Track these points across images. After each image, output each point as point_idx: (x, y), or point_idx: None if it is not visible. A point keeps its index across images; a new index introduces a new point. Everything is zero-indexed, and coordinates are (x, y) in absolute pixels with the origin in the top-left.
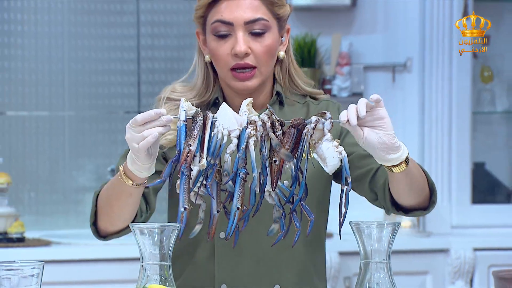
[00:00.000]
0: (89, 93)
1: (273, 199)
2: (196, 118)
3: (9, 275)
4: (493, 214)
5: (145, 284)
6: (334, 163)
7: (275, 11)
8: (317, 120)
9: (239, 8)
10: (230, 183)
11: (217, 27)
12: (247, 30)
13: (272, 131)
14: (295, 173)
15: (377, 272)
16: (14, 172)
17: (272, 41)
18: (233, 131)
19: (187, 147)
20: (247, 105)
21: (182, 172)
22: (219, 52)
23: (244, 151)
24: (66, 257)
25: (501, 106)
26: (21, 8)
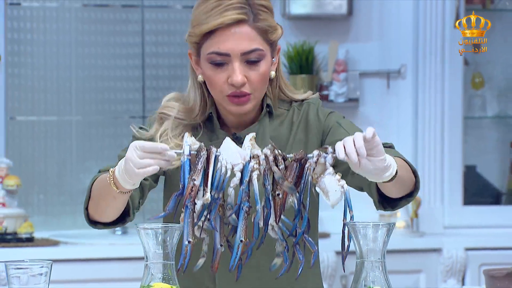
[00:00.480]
0: (96, 98)
1: (276, 233)
2: (200, 153)
3: (18, 274)
4: (484, 215)
5: (149, 282)
6: (337, 196)
7: (269, 38)
8: (319, 154)
9: (235, 39)
10: (234, 216)
11: (213, 57)
12: (243, 60)
13: (275, 164)
14: (298, 207)
15: (373, 270)
16: (24, 175)
17: (267, 67)
18: (236, 165)
19: (192, 182)
20: (250, 139)
21: (187, 206)
22: (215, 80)
23: (247, 185)
24: (73, 257)
25: (492, 111)
26: (30, 17)
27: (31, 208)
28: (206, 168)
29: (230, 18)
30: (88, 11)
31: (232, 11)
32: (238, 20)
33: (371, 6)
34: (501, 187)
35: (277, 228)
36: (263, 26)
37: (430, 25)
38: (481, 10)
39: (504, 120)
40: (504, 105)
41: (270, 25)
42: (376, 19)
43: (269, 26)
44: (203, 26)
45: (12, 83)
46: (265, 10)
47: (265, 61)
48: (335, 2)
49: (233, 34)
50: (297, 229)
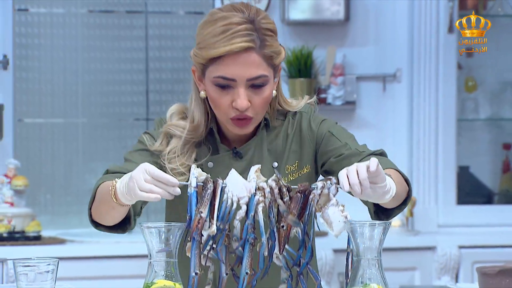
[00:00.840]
0: (101, 101)
1: (281, 261)
2: (207, 185)
3: (26, 271)
4: (477, 214)
5: (153, 279)
6: (340, 227)
7: (273, 63)
8: (323, 186)
9: (242, 66)
10: (240, 248)
11: (219, 81)
12: (247, 85)
13: (280, 197)
14: (302, 237)
15: (369, 268)
16: (31, 175)
17: (270, 91)
18: (242, 198)
19: (199, 214)
20: (255, 171)
21: (194, 238)
22: (219, 102)
23: (253, 218)
24: (79, 254)
25: (484, 114)
26: (37, 23)
27: (39, 208)
28: (212, 199)
29: (238, 46)
30: (93, 17)
31: (240, 38)
32: (246, 48)
33: (368, 12)
34: (493, 187)
35: (282, 257)
36: (268, 52)
37: (424, 30)
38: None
39: (496, 122)
40: (496, 108)
41: (275, 51)
42: (372, 25)
43: (274, 52)
44: (211, 51)
45: (20, 87)
46: (271, 34)
47: (268, 85)
48: (333, 8)
49: (240, 61)
50: (301, 259)
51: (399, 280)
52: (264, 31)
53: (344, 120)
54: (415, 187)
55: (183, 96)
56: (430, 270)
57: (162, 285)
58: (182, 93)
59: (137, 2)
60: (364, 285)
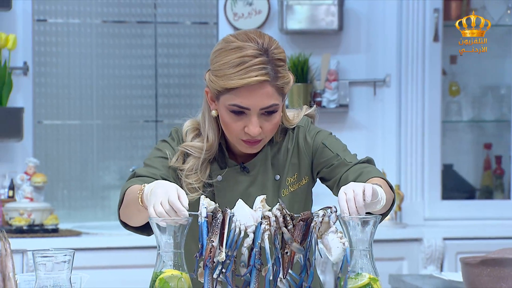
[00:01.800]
0: (114, 104)
1: (284, 285)
2: (217, 215)
3: (44, 261)
4: (460, 208)
5: (161, 269)
6: (339, 252)
7: (284, 91)
8: (324, 214)
9: (256, 97)
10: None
11: (234, 108)
12: (260, 113)
13: (284, 225)
14: (304, 262)
15: (361, 258)
16: (50, 173)
17: (279, 116)
18: (249, 226)
19: (210, 243)
20: (261, 201)
21: (206, 266)
22: (232, 126)
23: (259, 246)
24: (94, 246)
25: (467, 116)
26: (55, 32)
27: (56, 202)
28: (221, 228)
29: (254, 80)
30: (107, 27)
31: (256, 72)
32: (261, 81)
33: (359, 22)
34: (475, 183)
35: (285, 281)
36: (281, 84)
37: (412, 39)
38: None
39: (478, 124)
40: (478, 111)
41: (286, 81)
42: (363, 34)
43: (285, 83)
44: (228, 82)
45: (39, 91)
46: (282, 64)
47: (278, 112)
48: (327, 19)
49: (255, 93)
50: (304, 283)
51: (388, 269)
52: (277, 62)
53: (338, 122)
54: (403, 184)
55: (190, 100)
56: (417, 260)
57: (170, 274)
58: (188, 96)
59: (147, 13)
60: (357, 274)
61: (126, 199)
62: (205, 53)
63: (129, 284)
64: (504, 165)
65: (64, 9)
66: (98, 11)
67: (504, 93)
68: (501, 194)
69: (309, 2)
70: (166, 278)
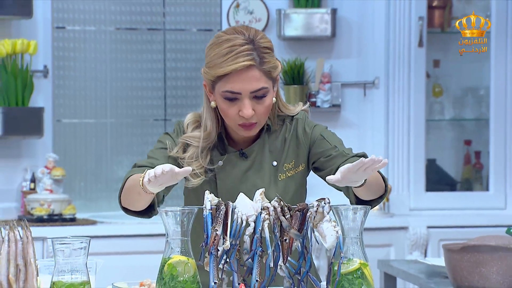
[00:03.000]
0: (126, 104)
1: (284, 271)
2: (220, 207)
3: (62, 248)
4: (443, 199)
5: (170, 255)
6: (332, 239)
7: (272, 75)
8: (318, 205)
9: (245, 81)
10: (250, 260)
11: (227, 95)
12: (251, 96)
13: (282, 215)
14: (301, 250)
15: (352, 245)
16: (68, 167)
17: (270, 100)
18: (250, 216)
19: (214, 232)
20: (260, 194)
21: (211, 253)
22: (228, 112)
23: (260, 233)
24: (108, 234)
25: (449, 115)
26: (73, 38)
27: (74, 194)
28: (225, 219)
29: (241, 64)
30: (120, 34)
31: (243, 58)
32: (248, 66)
33: (351, 30)
34: (456, 176)
35: (285, 267)
36: (267, 68)
37: (398, 44)
38: (440, 32)
39: (459, 122)
40: (458, 110)
41: (273, 66)
42: (354, 40)
43: (271, 67)
44: (219, 70)
45: (58, 92)
46: (268, 51)
47: (269, 95)
48: (321, 26)
49: (243, 77)
50: (302, 268)
51: (377, 255)
52: (262, 50)
53: (331, 120)
54: (390, 177)
55: (196, 100)
56: (403, 247)
57: (178, 259)
58: (195, 97)
59: (157, 21)
60: (348, 260)
61: (127, 186)
62: None
63: (140, 269)
64: (482, 160)
65: (81, 17)
66: (112, 19)
67: (483, 94)
68: (480, 186)
69: (304, 11)
70: (174, 263)
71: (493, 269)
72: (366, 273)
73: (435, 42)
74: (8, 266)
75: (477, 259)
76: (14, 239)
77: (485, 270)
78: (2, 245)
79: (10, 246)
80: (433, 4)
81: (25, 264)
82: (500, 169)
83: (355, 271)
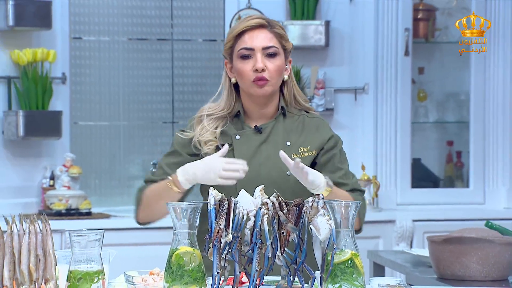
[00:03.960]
0: (137, 108)
1: (281, 261)
2: (223, 203)
3: (79, 240)
4: (427, 195)
5: (177, 246)
6: (326, 232)
7: (282, 43)
8: (313, 200)
9: (258, 38)
10: (250, 251)
11: (242, 52)
12: (263, 53)
13: (280, 209)
14: (297, 241)
15: (344, 237)
16: (84, 165)
17: (281, 62)
18: (250, 211)
19: (218, 226)
20: (260, 190)
21: (215, 245)
22: (244, 69)
23: (260, 227)
24: (121, 226)
25: (432, 118)
26: (88, 48)
27: (89, 190)
28: (227, 213)
29: (254, 22)
30: (132, 44)
31: (255, 19)
32: (260, 25)
33: (343, 40)
34: (439, 174)
35: (282, 258)
36: (278, 31)
37: (386, 53)
38: (424, 42)
39: (441, 124)
40: (441, 114)
41: (283, 34)
42: (346, 49)
43: (282, 34)
44: (235, 30)
45: (75, 97)
46: (279, 26)
47: (279, 57)
48: (316, 37)
49: (255, 35)
50: (298, 258)
51: (366, 246)
52: (274, 22)
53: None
54: (379, 175)
55: (201, 104)
56: (390, 239)
57: (184, 250)
58: (200, 101)
59: (165, 32)
60: (341, 250)
61: (146, 199)
62: (214, 65)
63: (150, 259)
64: (463, 159)
65: (96, 28)
66: (124, 30)
67: (464, 98)
68: (461, 183)
69: (300, 23)
70: (181, 254)
71: (473, 259)
72: (357, 263)
73: (420, 51)
74: (29, 256)
75: (458, 249)
76: (35, 232)
77: (466, 259)
78: (23, 237)
79: (30, 238)
80: (418, 17)
81: (44, 255)
82: (479, 168)
83: (347, 261)
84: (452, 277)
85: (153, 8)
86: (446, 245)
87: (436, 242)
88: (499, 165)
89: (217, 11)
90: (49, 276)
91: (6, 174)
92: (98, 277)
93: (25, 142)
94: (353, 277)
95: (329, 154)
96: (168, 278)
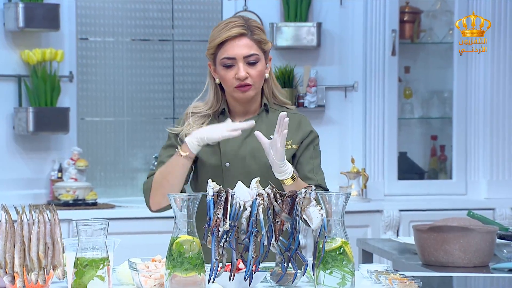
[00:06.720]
0: (140, 105)
1: (276, 249)
2: (221, 194)
3: (85, 229)
4: (412, 186)
5: (177, 234)
6: (318, 221)
7: (262, 47)
8: (306, 192)
9: (239, 47)
10: (246, 239)
11: (224, 61)
12: (245, 61)
13: (274, 200)
14: (291, 230)
15: (335, 226)
16: (90, 158)
17: (262, 67)
18: (247, 201)
19: (216, 215)
20: (256, 182)
21: (213, 234)
22: (227, 77)
23: (255, 216)
24: (125, 216)
25: (418, 114)
26: (94, 48)
27: (95, 182)
28: (225, 204)
29: (234, 32)
30: (135, 44)
31: (236, 28)
32: (240, 34)
33: (333, 40)
34: (424, 167)
35: (277, 246)
36: (257, 38)
37: (375, 53)
38: (410, 43)
39: (426, 120)
40: (426, 110)
41: (263, 39)
42: (337, 49)
43: (262, 39)
44: (216, 40)
45: (82, 94)
46: (259, 29)
47: (260, 63)
48: (308, 37)
49: (237, 44)
50: (291, 246)
51: (356, 234)
52: (253, 27)
53: (316, 118)
54: (367, 167)
55: None
56: (378, 227)
57: (184, 238)
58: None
59: (166, 33)
60: (332, 239)
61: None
62: None
63: (152, 247)
64: (446, 153)
65: (102, 30)
66: (128, 31)
67: (447, 96)
68: (444, 175)
69: (294, 25)
70: (181, 242)
71: (456, 246)
72: (347, 250)
73: (406, 51)
74: (38, 244)
75: (442, 237)
76: (43, 221)
77: (449, 247)
78: (33, 226)
79: (39, 227)
80: (404, 19)
81: (52, 243)
82: (462, 161)
83: (338, 248)
84: (436, 263)
85: (155, 10)
86: (430, 234)
87: (421, 231)
88: (480, 158)
89: (215, 13)
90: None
91: (17, 167)
92: (103, 264)
93: (35, 137)
94: (343, 264)
95: (304, 147)
96: (169, 264)
